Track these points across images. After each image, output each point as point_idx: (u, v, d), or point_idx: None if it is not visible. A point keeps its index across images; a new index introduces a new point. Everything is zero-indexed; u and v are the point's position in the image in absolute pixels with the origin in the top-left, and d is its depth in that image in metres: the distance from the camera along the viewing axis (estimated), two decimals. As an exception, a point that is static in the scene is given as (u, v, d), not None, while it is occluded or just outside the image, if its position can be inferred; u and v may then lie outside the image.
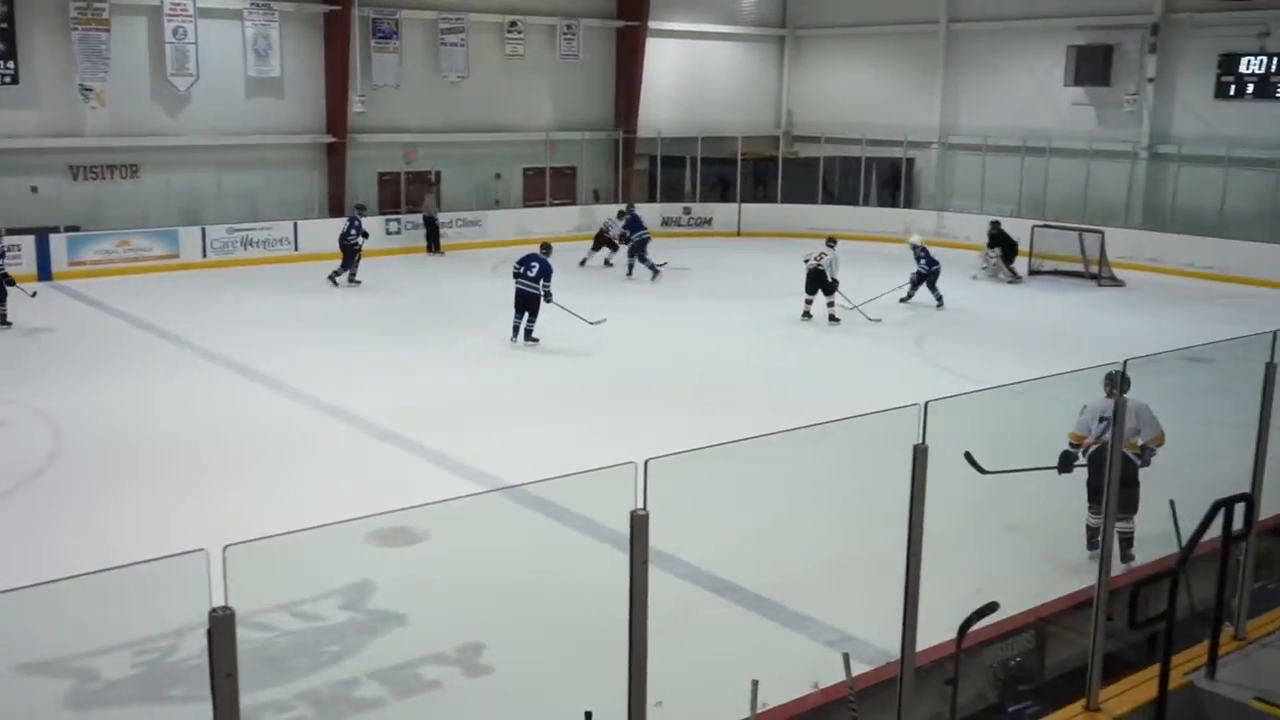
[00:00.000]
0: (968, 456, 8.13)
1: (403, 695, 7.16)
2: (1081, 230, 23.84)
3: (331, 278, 21.78)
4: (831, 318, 18.63)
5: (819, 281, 18.68)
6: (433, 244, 26.33)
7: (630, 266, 23.38)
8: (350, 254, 21.85)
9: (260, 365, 15.53)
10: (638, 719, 4.15)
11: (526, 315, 16.94)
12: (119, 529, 9.75)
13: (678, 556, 8.29)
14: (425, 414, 13.32)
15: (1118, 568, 5.82)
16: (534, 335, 16.98)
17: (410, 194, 27.11)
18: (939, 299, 20.34)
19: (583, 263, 24.43)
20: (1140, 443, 8.73)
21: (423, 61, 27.44)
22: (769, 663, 7.24)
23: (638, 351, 16.97)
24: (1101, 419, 8.83)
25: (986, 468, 8.05)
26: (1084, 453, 8.83)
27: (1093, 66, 26.62)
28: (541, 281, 16.79)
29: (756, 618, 8.18)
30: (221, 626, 2.97)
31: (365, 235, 22.24)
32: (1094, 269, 23.32)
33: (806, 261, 18.89)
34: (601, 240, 24.80)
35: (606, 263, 24.57)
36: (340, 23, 25.65)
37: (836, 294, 18.67)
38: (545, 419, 13.25)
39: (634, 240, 23.28)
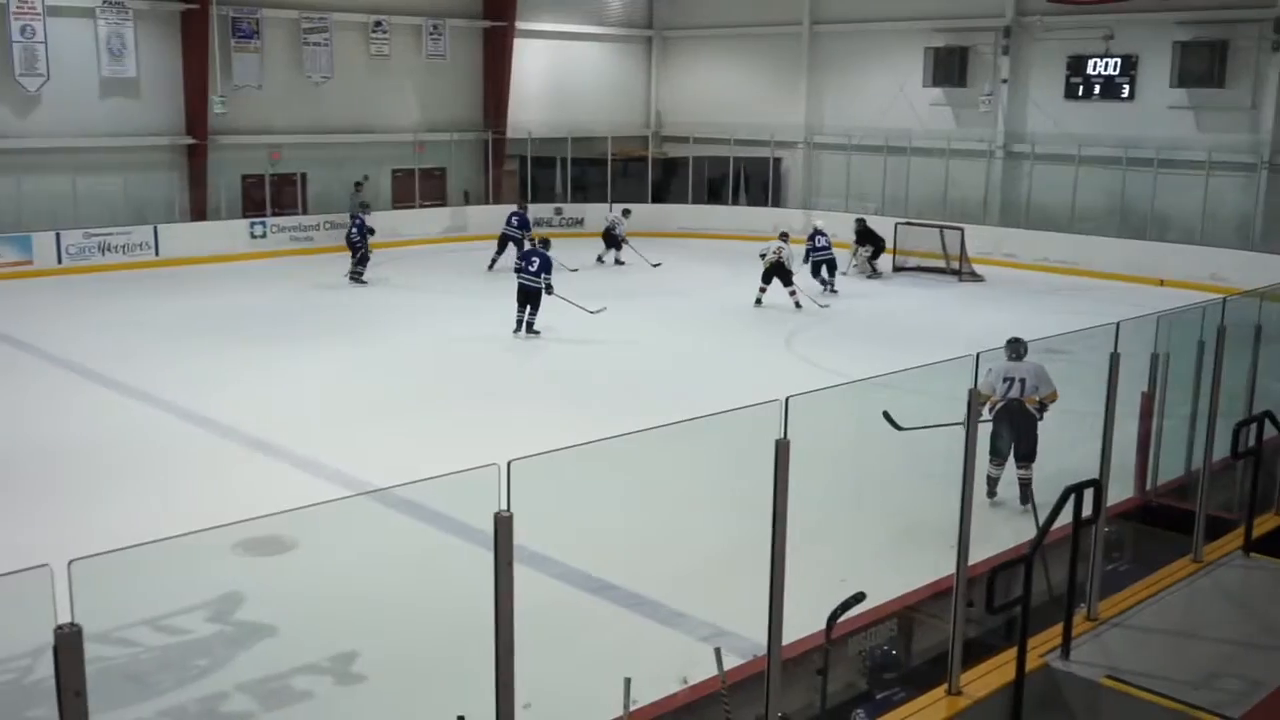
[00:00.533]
0: (886, 416, 8.46)
1: (273, 707, 7.03)
2: (942, 227, 24.53)
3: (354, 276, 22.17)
4: (797, 304, 19.96)
5: (779, 272, 19.99)
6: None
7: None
8: (355, 251, 22.32)
9: (121, 374, 15.05)
10: (507, 721, 4.15)
11: (528, 308, 17.49)
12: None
13: (551, 557, 8.30)
14: (292, 421, 13.08)
15: (976, 555, 6.01)
16: (535, 328, 17.54)
17: (277, 196, 26.54)
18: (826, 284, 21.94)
19: (599, 259, 25.25)
20: (1038, 398, 10.11)
21: (285, 62, 26.87)
22: (642, 660, 7.31)
23: (506, 355, 16.93)
24: (1005, 379, 10.11)
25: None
26: (989, 409, 9.81)
27: (949, 68, 27.42)
28: (542, 275, 17.48)
29: (630, 615, 8.23)
30: (68, 644, 2.88)
31: (371, 232, 22.54)
32: (955, 265, 24.01)
33: (764, 256, 20.24)
34: (611, 239, 25.32)
35: (618, 261, 25.13)
36: (198, 22, 24.97)
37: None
38: (414, 424, 13.11)
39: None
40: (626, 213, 26.03)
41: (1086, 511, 6.09)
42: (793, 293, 20.02)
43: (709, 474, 9.18)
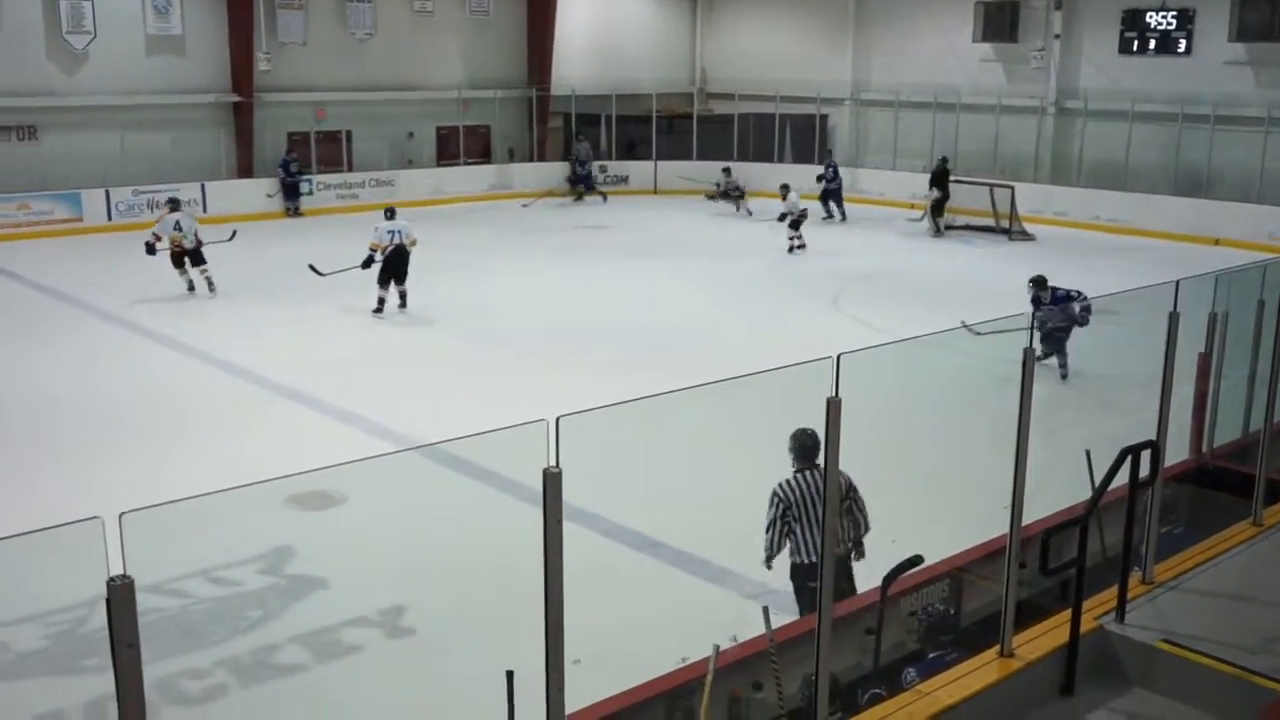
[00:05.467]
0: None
1: (325, 659, 7.10)
2: (992, 185, 24.18)
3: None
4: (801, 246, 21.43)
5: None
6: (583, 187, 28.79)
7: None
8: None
9: (168, 329, 15.20)
10: (555, 677, 4.13)
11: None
12: (20, 499, 9.47)
13: (598, 514, 8.30)
14: (337, 376, 13.14)
15: (1029, 516, 5.92)
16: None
17: (321, 153, 26.62)
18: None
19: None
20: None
21: (330, 18, 26.84)
22: (690, 617, 7.31)
23: (550, 312, 16.88)
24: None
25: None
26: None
27: (1000, 23, 26.91)
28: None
29: (677, 573, 8.22)
30: (120, 595, 2.88)
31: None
32: (1004, 223, 23.68)
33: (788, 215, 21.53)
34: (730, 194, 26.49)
35: (748, 211, 26.02)
36: (243, -22, 24.99)
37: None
38: (461, 380, 13.14)
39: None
40: (726, 170, 27.10)
41: (1141, 475, 5.99)
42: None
43: (758, 432, 9.11)
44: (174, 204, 18.46)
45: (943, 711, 5.10)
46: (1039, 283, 13.26)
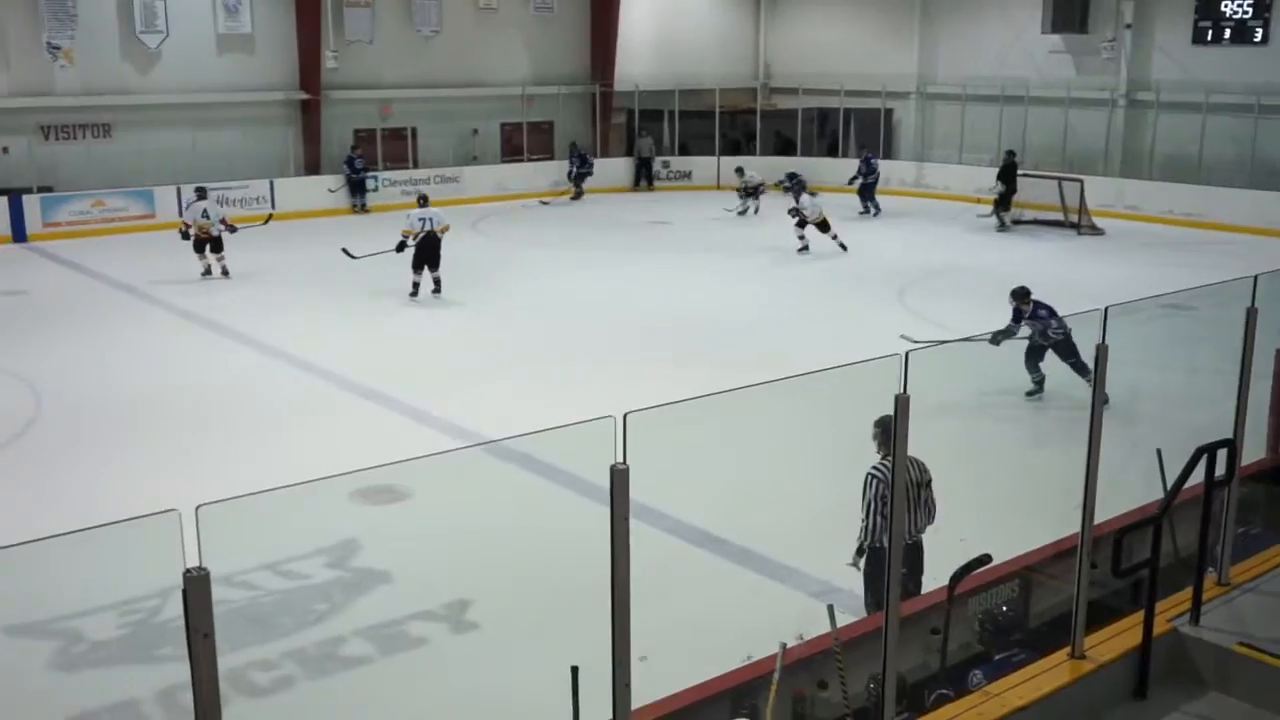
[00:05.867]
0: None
1: (390, 652, 7.16)
2: (1061, 178, 23.80)
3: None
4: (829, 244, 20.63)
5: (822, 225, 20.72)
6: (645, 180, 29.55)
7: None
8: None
9: (238, 324, 15.43)
10: (621, 674, 4.13)
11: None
12: (99, 491, 9.67)
13: (661, 510, 8.28)
14: (406, 372, 13.25)
15: (1100, 515, 5.82)
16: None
17: (387, 150, 26.88)
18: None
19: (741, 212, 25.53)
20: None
21: (396, 16, 27.07)
22: (754, 615, 7.28)
23: (617, 306, 16.90)
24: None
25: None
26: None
27: (1069, 14, 26.43)
28: None
29: (741, 570, 8.19)
30: (196, 586, 2.92)
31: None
32: (1073, 217, 23.30)
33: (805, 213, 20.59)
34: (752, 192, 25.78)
35: (755, 210, 25.39)
36: (311, -23, 25.28)
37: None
38: (522, 376, 13.19)
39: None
40: (739, 171, 26.32)
41: (1217, 474, 5.86)
42: (834, 236, 20.69)
43: (822, 428, 9.06)
44: (201, 192, 19.22)
45: (1013, 713, 5.03)
46: (1020, 295, 12.17)
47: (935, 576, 5.87)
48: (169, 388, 12.77)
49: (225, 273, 18.38)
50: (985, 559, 5.93)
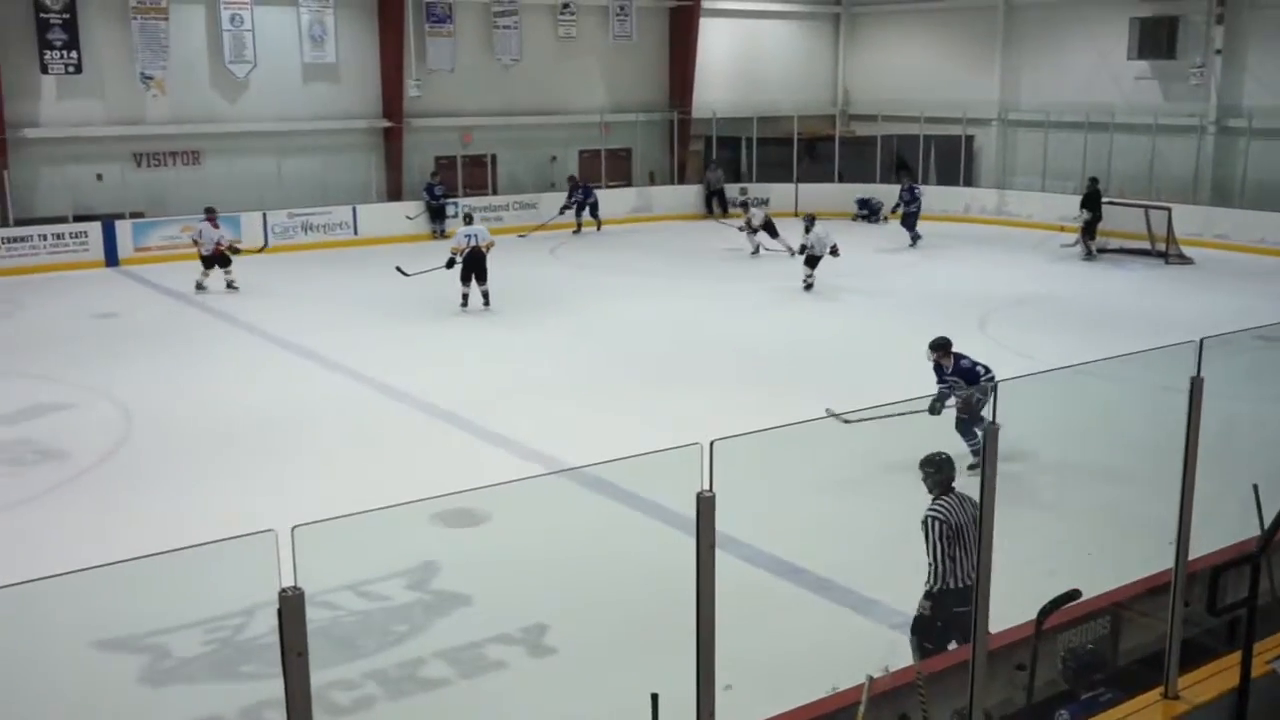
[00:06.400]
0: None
1: (468, 675, 7.19)
2: (1147, 207, 23.35)
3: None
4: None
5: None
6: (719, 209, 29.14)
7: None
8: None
9: (322, 348, 15.67)
10: (706, 703, 4.10)
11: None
12: (183, 509, 9.87)
13: (738, 538, 8.22)
14: (487, 397, 13.34)
15: (1195, 551, 5.67)
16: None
17: (467, 177, 27.24)
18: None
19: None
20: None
21: (477, 45, 27.46)
22: (835, 646, 7.19)
23: (693, 335, 16.87)
24: None
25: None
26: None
27: (1157, 39, 26.02)
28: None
29: (820, 600, 8.10)
30: (291, 606, 2.96)
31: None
32: (1161, 246, 22.85)
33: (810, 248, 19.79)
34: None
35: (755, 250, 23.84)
36: (394, 7, 25.74)
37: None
38: (599, 402, 13.22)
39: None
40: (743, 190, 26.91)
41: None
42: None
43: (900, 458, 8.95)
44: (209, 212, 20.14)
45: (1104, 753, 4.90)
46: (939, 347, 10.70)
47: (1023, 610, 5.75)
48: (252, 410, 12.98)
49: (230, 285, 19.67)
50: (1075, 594, 5.79)
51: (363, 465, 10.94)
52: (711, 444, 3.96)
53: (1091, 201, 23.24)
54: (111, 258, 22.41)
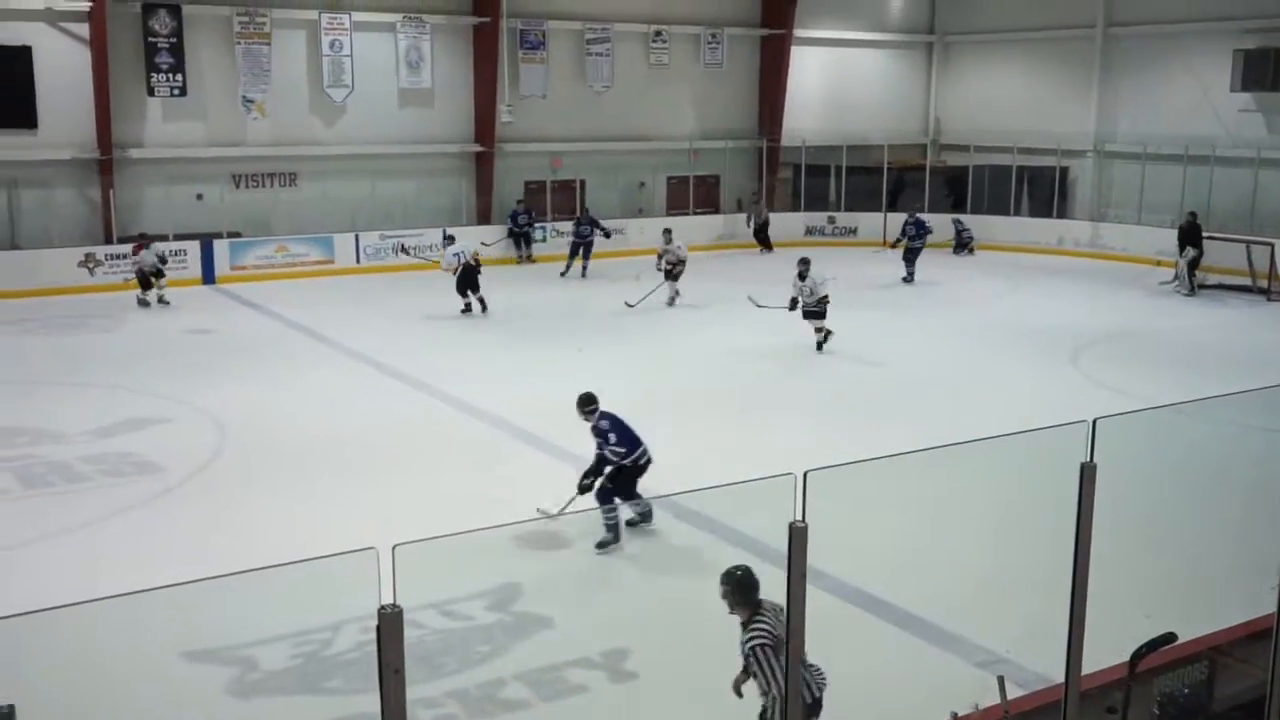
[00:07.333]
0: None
1: (549, 698, 7.20)
2: (1250, 242, 22.77)
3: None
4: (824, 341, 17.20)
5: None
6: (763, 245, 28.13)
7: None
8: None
9: (410, 368, 15.88)
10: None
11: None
12: (274, 524, 10.05)
13: (823, 570, 8.15)
14: (569, 418, 13.39)
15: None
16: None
17: (555, 202, 27.47)
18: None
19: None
20: None
21: (569, 71, 27.76)
22: (920, 681, 7.09)
23: (777, 365, 16.76)
24: None
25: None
26: None
27: (1262, 70, 25.40)
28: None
29: (904, 635, 8.00)
30: (390, 623, 3.01)
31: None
32: (1263, 283, 22.27)
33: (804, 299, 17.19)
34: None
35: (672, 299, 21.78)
36: (489, 34, 26.13)
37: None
38: (683, 430, 13.17)
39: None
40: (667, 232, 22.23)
41: None
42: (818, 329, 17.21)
43: (987, 494, 8.81)
44: (142, 238, 21.34)
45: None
46: (583, 402, 10.24)
47: (1117, 652, 5.61)
48: (341, 427, 13.19)
49: (162, 300, 20.54)
50: (1170, 637, 5.64)
51: (446, 484, 11.04)
52: (805, 474, 3.95)
53: (1192, 235, 22.72)
54: (209, 275, 22.99)
